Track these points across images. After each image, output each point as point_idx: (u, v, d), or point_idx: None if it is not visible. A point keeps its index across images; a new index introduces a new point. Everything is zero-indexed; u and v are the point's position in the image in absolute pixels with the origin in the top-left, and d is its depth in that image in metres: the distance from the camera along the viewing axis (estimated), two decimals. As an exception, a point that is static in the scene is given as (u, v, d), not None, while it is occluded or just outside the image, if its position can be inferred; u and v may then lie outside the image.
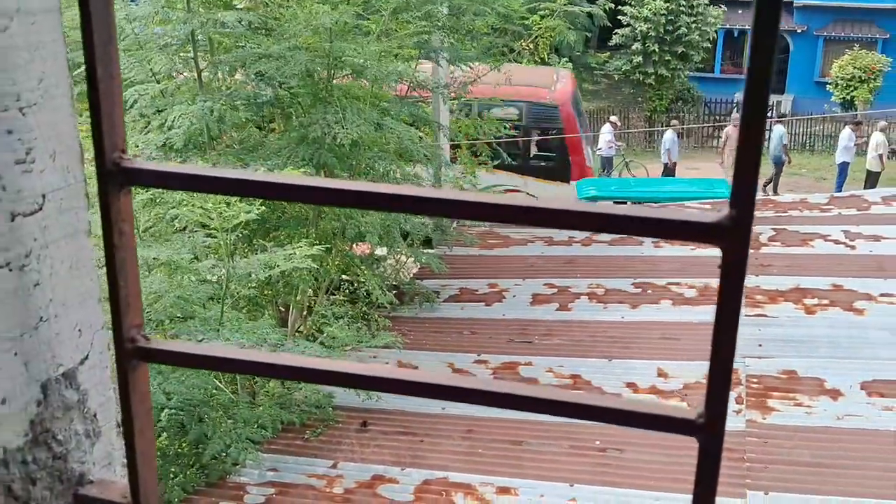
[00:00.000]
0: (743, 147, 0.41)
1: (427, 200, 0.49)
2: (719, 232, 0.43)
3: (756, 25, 0.39)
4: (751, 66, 0.39)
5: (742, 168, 0.41)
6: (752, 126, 0.40)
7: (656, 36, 23.31)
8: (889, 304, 6.70)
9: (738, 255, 0.42)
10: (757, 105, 0.40)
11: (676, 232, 0.44)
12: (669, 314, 7.01)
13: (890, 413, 5.34)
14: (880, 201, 9.20)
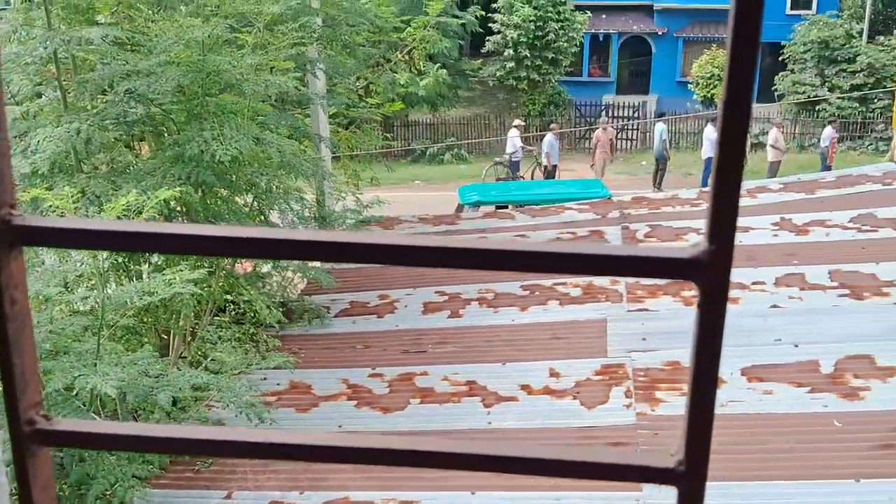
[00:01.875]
0: (720, 177, 0.38)
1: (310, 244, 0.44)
2: (696, 268, 0.40)
3: (731, 62, 0.36)
4: (726, 97, 0.36)
5: (720, 199, 0.38)
6: (730, 156, 0.37)
7: (527, 42, 23.86)
8: (761, 291, 7.06)
9: (717, 293, 0.40)
10: (733, 133, 0.37)
11: (649, 270, 0.41)
12: (557, 314, 7.14)
13: (769, 397, 5.62)
14: (745, 194, 9.71)
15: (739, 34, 0.36)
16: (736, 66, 0.36)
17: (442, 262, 0.41)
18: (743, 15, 0.36)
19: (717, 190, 0.38)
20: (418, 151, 23.48)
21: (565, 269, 0.41)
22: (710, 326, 0.40)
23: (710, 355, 0.40)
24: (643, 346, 6.43)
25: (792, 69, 24.65)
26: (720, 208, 0.38)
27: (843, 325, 6.41)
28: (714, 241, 0.39)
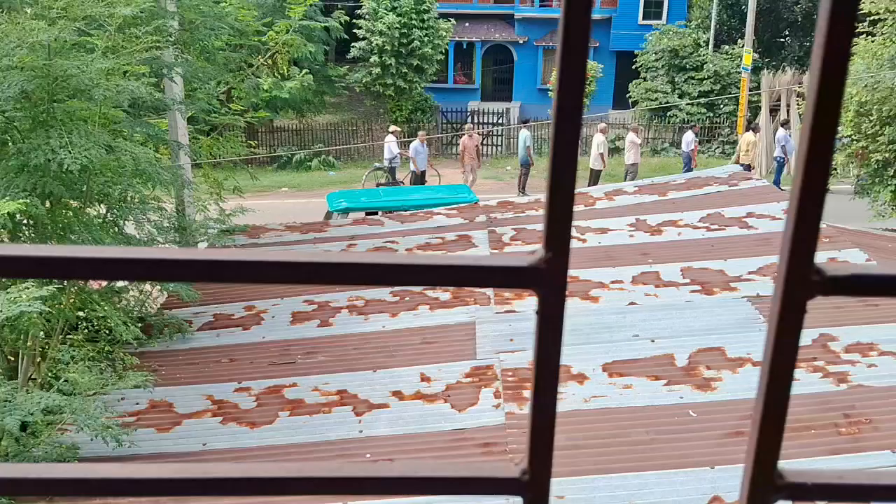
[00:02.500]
0: (553, 186, 0.38)
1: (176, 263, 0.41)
2: (535, 276, 0.39)
3: (561, 79, 0.36)
4: (558, 106, 0.36)
5: (554, 207, 0.38)
6: (563, 165, 0.37)
7: (392, 49, 23.93)
8: (619, 290, 7.35)
9: (556, 299, 0.39)
10: (565, 141, 0.37)
11: (487, 279, 0.40)
12: (428, 319, 7.18)
13: (629, 391, 5.85)
14: (604, 197, 10.10)
15: (569, 45, 0.36)
16: (566, 76, 0.36)
17: (263, 277, 0.39)
18: (571, 27, 0.36)
19: (551, 198, 0.38)
20: (284, 158, 23.07)
21: (406, 281, 0.40)
22: (549, 334, 0.40)
23: (551, 364, 0.40)
24: (511, 347, 6.55)
25: (645, 77, 25.89)
26: (555, 216, 0.38)
27: (696, 320, 6.77)
28: (550, 248, 0.39)
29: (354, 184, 20.02)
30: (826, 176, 0.38)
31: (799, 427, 5.25)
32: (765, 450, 0.41)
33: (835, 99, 0.37)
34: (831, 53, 0.36)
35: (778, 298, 0.39)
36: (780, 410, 0.41)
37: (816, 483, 0.41)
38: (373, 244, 9.04)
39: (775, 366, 0.40)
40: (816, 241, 0.38)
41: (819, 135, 0.38)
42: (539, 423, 0.41)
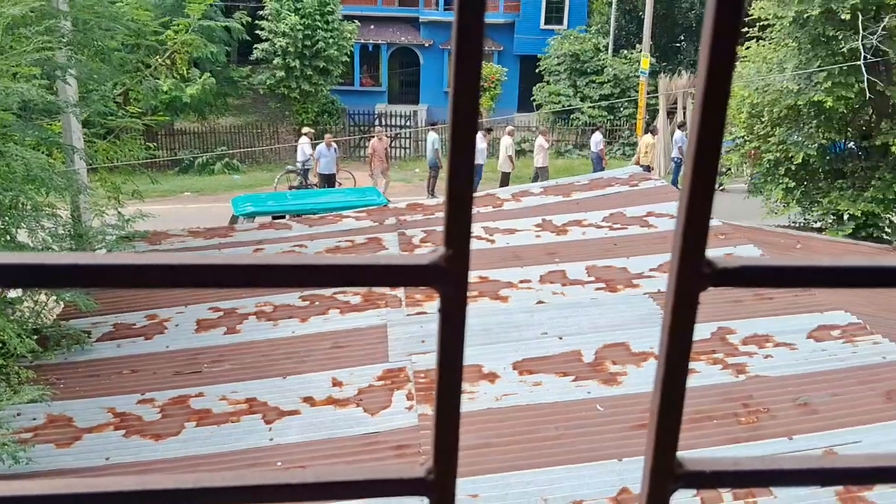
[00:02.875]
0: (452, 183, 0.38)
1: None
2: (436, 274, 0.39)
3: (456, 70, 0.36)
4: (454, 106, 0.36)
5: (453, 204, 0.38)
6: (461, 162, 0.37)
7: (296, 51, 23.63)
8: (527, 289, 7.46)
9: (457, 297, 0.39)
10: (463, 141, 0.37)
11: (387, 278, 0.40)
12: (338, 323, 7.12)
13: (539, 388, 5.94)
14: (511, 198, 10.24)
15: (463, 47, 0.36)
16: (461, 78, 0.36)
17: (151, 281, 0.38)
18: (465, 29, 0.36)
19: (450, 195, 0.38)
20: (186, 162, 22.48)
21: (303, 282, 0.39)
22: (451, 331, 0.40)
23: (453, 361, 0.40)
24: (423, 349, 6.56)
25: (548, 80, 26.40)
26: (454, 214, 0.38)
27: (601, 317, 6.94)
28: (451, 246, 0.39)
29: (260, 187, 19.69)
30: (714, 171, 0.40)
31: (701, 417, 5.44)
32: (663, 440, 0.42)
33: (721, 99, 0.38)
34: (717, 55, 0.37)
35: (671, 291, 0.40)
36: (677, 401, 0.42)
37: (714, 471, 0.43)
38: (281, 248, 8.90)
39: (671, 357, 0.41)
40: (706, 235, 0.40)
41: (706, 132, 0.39)
42: (443, 421, 0.41)
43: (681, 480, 0.43)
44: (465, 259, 0.39)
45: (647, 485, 0.43)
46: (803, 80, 13.06)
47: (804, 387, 5.74)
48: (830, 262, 0.40)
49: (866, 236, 13.10)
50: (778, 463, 0.43)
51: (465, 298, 0.39)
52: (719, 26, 0.37)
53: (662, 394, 0.42)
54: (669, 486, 0.43)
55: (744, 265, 0.40)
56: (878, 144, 13.15)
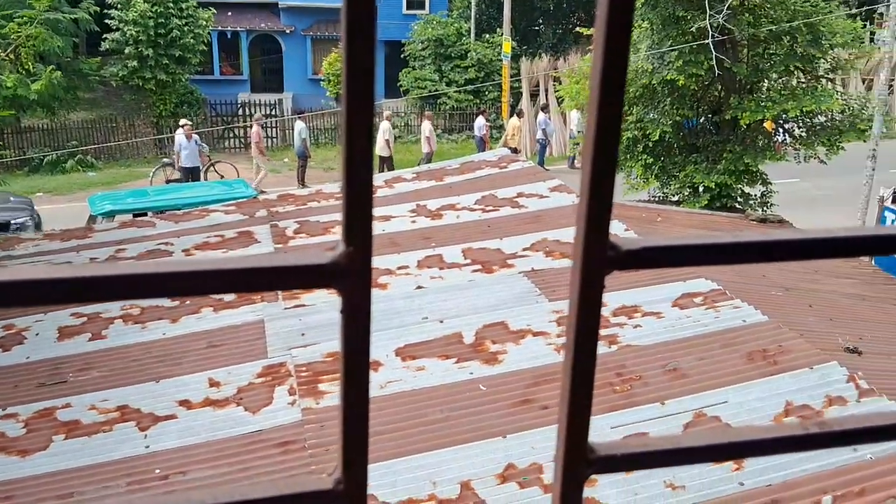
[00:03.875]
0: (350, 176, 0.35)
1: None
2: (336, 273, 0.37)
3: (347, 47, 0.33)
4: (348, 94, 0.34)
5: (353, 199, 0.36)
6: (358, 154, 0.35)
7: (148, 40, 22.62)
8: (406, 275, 7.47)
9: (361, 296, 0.37)
10: (359, 130, 0.35)
11: (282, 281, 0.37)
12: (212, 321, 6.90)
13: (422, 372, 5.97)
14: (384, 184, 10.21)
15: (354, 32, 0.33)
16: (353, 64, 0.34)
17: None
18: (355, 17, 0.33)
19: (348, 188, 0.36)
20: (36, 160, 21.16)
21: (188, 291, 0.36)
22: (356, 334, 0.38)
23: (359, 365, 0.38)
24: (303, 342, 6.46)
25: (413, 66, 26.44)
26: (354, 208, 0.36)
27: (479, 298, 7.03)
28: (351, 242, 0.36)
29: (120, 184, 18.81)
30: (614, 157, 0.39)
31: (578, 389, 5.62)
32: (575, 427, 0.42)
33: (618, 81, 0.38)
34: (613, 34, 0.37)
35: (577, 276, 0.40)
36: (587, 387, 0.42)
37: (625, 454, 0.42)
38: (145, 248, 8.52)
39: (579, 342, 0.41)
40: (609, 219, 0.39)
41: (605, 120, 0.38)
42: (351, 428, 0.38)
43: (594, 466, 0.42)
44: (367, 256, 0.37)
45: (560, 472, 0.43)
46: (657, 59, 13.64)
47: (672, 353, 6.02)
48: (729, 238, 0.40)
49: (721, 207, 13.88)
50: (685, 441, 0.43)
51: (369, 298, 0.37)
52: (615, 3, 0.36)
53: (572, 380, 0.41)
54: (583, 473, 0.42)
55: (646, 246, 0.40)
56: (728, 119, 13.93)
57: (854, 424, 0.45)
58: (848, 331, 7.50)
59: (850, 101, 15.01)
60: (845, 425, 0.45)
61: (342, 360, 0.38)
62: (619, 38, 0.37)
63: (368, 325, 0.38)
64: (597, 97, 0.38)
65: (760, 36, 13.50)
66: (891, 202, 14.96)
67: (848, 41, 14.09)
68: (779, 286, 8.12)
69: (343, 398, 0.38)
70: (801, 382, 5.51)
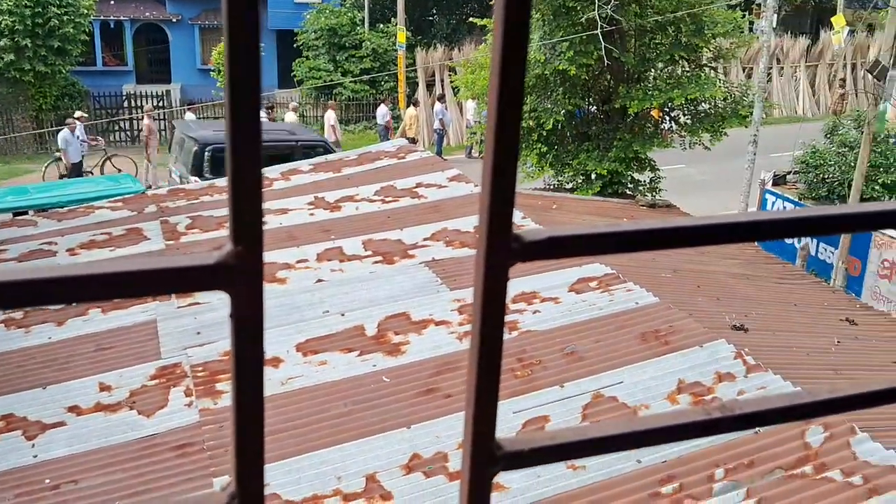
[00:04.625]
0: (236, 172, 0.33)
1: None
2: (224, 275, 0.34)
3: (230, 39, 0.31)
4: (231, 84, 0.31)
5: (241, 195, 0.33)
6: (244, 147, 0.32)
7: (25, 30, 21.45)
8: (306, 269, 7.36)
9: (252, 298, 0.35)
10: (243, 124, 0.32)
11: (166, 284, 0.35)
12: (101, 323, 6.61)
13: (324, 367, 5.90)
14: (280, 177, 10.02)
15: (236, 22, 0.31)
16: (237, 54, 0.31)
17: None
18: (236, 6, 0.31)
19: (234, 185, 0.33)
20: None
21: (62, 299, 0.33)
22: (248, 338, 0.35)
23: (252, 371, 0.35)
24: (199, 341, 6.27)
25: (307, 55, 26.04)
26: (242, 205, 0.33)
27: (380, 289, 7.00)
28: (240, 241, 0.34)
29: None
30: (515, 150, 0.38)
31: (481, 377, 5.68)
32: (481, 424, 0.41)
33: (517, 72, 0.37)
34: (510, 24, 0.36)
35: (481, 269, 0.39)
36: (493, 383, 0.41)
37: (532, 448, 0.42)
38: (26, 248, 8.09)
39: (484, 339, 0.40)
40: (512, 211, 0.38)
41: (505, 113, 0.37)
42: (244, 439, 0.36)
43: (501, 463, 0.41)
44: (257, 255, 0.34)
45: (467, 471, 0.42)
46: (549, 50, 13.89)
47: (570, 337, 6.16)
48: (629, 227, 0.40)
49: (612, 193, 14.29)
50: (591, 432, 0.43)
51: (261, 301, 0.35)
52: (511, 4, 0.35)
53: (478, 378, 0.40)
54: (490, 471, 0.41)
55: (550, 236, 0.39)
56: (617, 107, 14.33)
57: (755, 407, 0.46)
58: (734, 309, 7.87)
59: (732, 89, 15.68)
60: (746, 408, 0.46)
61: (233, 368, 0.35)
62: (517, 34, 0.35)
63: (261, 329, 0.36)
64: (496, 90, 0.36)
65: (647, 26, 13.93)
66: (771, 185, 15.76)
67: (729, 30, 14.70)
68: (668, 268, 8.43)
69: (235, 408, 0.35)
70: (692, 360, 5.73)
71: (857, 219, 0.50)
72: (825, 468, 4.67)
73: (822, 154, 15.69)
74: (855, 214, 0.50)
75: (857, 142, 14.56)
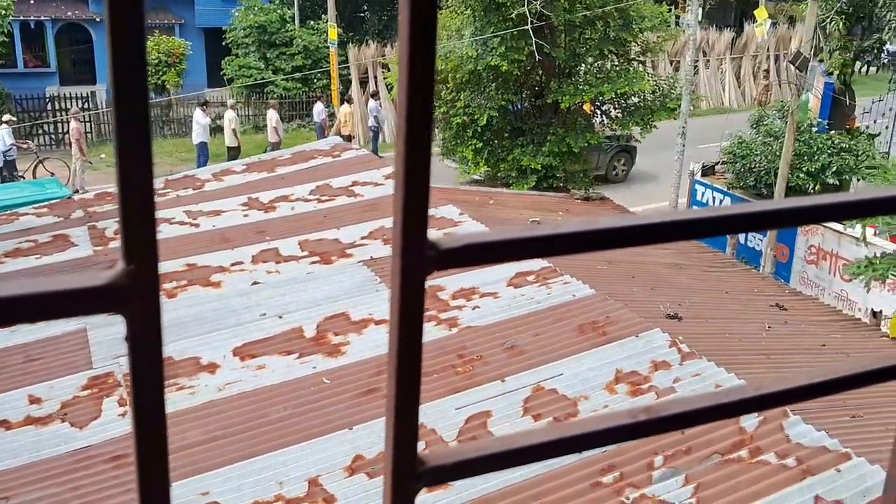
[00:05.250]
0: (126, 181, 0.31)
1: None
2: (117, 296, 0.32)
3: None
4: (116, 87, 0.29)
5: (132, 208, 0.31)
6: (134, 156, 0.30)
7: (-62, 29, 20.60)
8: (241, 271, 7.24)
9: (148, 319, 0.32)
10: (132, 129, 0.30)
11: (51, 310, 0.32)
12: (28, 334, 6.39)
13: (263, 371, 5.81)
14: (212, 178, 9.84)
15: (119, 18, 0.29)
16: (119, 54, 0.29)
17: None
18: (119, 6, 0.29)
19: (124, 199, 0.31)
20: None
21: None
22: (145, 363, 0.33)
23: (152, 397, 0.33)
24: (132, 349, 6.11)
25: (237, 53, 25.60)
26: (133, 220, 0.31)
27: (318, 290, 6.93)
28: (132, 259, 0.32)
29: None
30: (428, 153, 0.36)
31: (423, 374, 5.66)
32: (402, 440, 0.39)
33: (427, 74, 0.35)
34: (417, 25, 0.34)
35: (396, 281, 0.37)
36: (413, 397, 0.39)
37: (456, 461, 0.40)
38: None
39: (402, 350, 0.38)
40: (427, 217, 0.36)
41: (415, 115, 0.35)
42: (147, 475, 0.34)
43: (423, 479, 0.40)
44: (153, 273, 0.32)
45: (389, 489, 0.40)
46: (480, 45, 13.94)
47: (510, 331, 6.20)
48: (548, 230, 0.39)
49: (547, 187, 14.42)
50: (518, 441, 0.42)
51: (159, 321, 0.33)
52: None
53: (397, 391, 0.38)
54: (413, 488, 0.40)
55: (467, 243, 0.38)
56: (550, 102, 14.47)
57: (680, 408, 0.46)
58: (668, 298, 8.02)
59: (660, 82, 15.99)
60: (672, 409, 0.45)
61: (131, 396, 0.33)
62: (425, 32, 0.34)
63: (160, 351, 0.33)
64: (405, 89, 0.35)
65: (576, 21, 14.09)
66: (700, 176, 16.11)
67: (656, 25, 14.98)
68: (603, 260, 8.55)
69: (136, 439, 0.33)
70: (629, 350, 5.82)
71: (777, 214, 0.51)
72: (760, 452, 4.80)
73: (748, 144, 16.10)
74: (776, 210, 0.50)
75: (781, 132, 14.99)
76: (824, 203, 0.53)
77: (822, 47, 17.31)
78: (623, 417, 0.44)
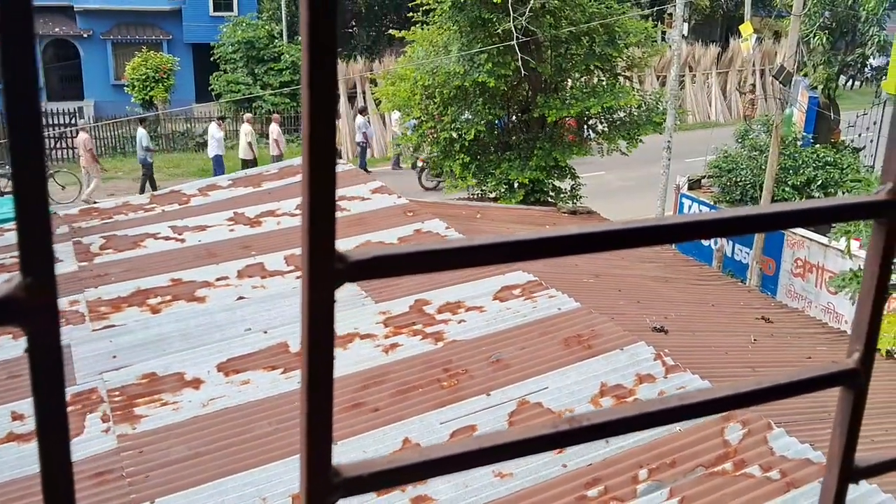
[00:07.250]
0: (22, 194, 0.31)
1: None
2: (15, 310, 0.32)
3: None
4: (7, 100, 0.29)
5: (28, 220, 0.31)
6: (24, 166, 0.30)
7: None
8: (226, 286, 7.22)
9: (48, 332, 0.33)
10: (25, 135, 0.30)
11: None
12: (9, 350, 6.34)
13: (248, 386, 5.78)
14: (198, 193, 9.82)
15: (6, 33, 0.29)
16: (7, 63, 0.30)
17: None
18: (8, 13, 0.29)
19: (21, 212, 0.31)
20: None
21: None
22: (46, 377, 0.33)
23: (55, 414, 0.33)
24: (115, 364, 6.08)
25: (225, 69, 25.64)
26: (30, 232, 0.31)
27: (303, 305, 6.91)
28: (30, 272, 0.32)
29: None
30: (332, 167, 0.37)
31: (409, 388, 5.65)
32: (316, 450, 0.39)
33: (328, 95, 0.36)
34: (317, 47, 0.35)
35: (306, 295, 0.37)
36: (325, 406, 0.39)
37: (372, 472, 0.41)
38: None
39: (313, 362, 0.38)
40: (334, 231, 0.37)
41: (317, 132, 0.36)
42: (51, 492, 0.34)
43: (339, 490, 0.40)
44: (51, 286, 0.32)
45: (304, 500, 0.40)
46: (467, 61, 14.00)
47: (495, 345, 6.19)
48: (459, 243, 0.39)
49: (535, 201, 14.46)
50: (434, 452, 0.42)
51: (58, 334, 0.33)
52: (314, 18, 0.34)
53: (308, 402, 0.39)
54: (329, 499, 0.40)
55: (376, 256, 0.38)
56: (536, 117, 14.53)
57: (602, 418, 0.46)
58: (654, 312, 8.05)
59: (646, 97, 16.08)
60: (593, 419, 0.46)
61: (35, 412, 0.33)
62: (325, 54, 0.35)
63: (61, 363, 0.34)
64: (307, 109, 0.35)
65: (562, 37, 14.18)
66: (686, 189, 16.20)
67: (641, 40, 15.08)
68: (590, 273, 8.57)
69: (41, 460, 0.33)
70: (614, 363, 5.83)
71: (758, 220, 0.51)
72: (744, 464, 4.80)
73: (734, 158, 16.21)
74: (757, 216, 0.51)
75: (767, 145, 15.10)
76: (789, 210, 0.53)
77: (806, 62, 17.48)
78: (544, 428, 0.44)
